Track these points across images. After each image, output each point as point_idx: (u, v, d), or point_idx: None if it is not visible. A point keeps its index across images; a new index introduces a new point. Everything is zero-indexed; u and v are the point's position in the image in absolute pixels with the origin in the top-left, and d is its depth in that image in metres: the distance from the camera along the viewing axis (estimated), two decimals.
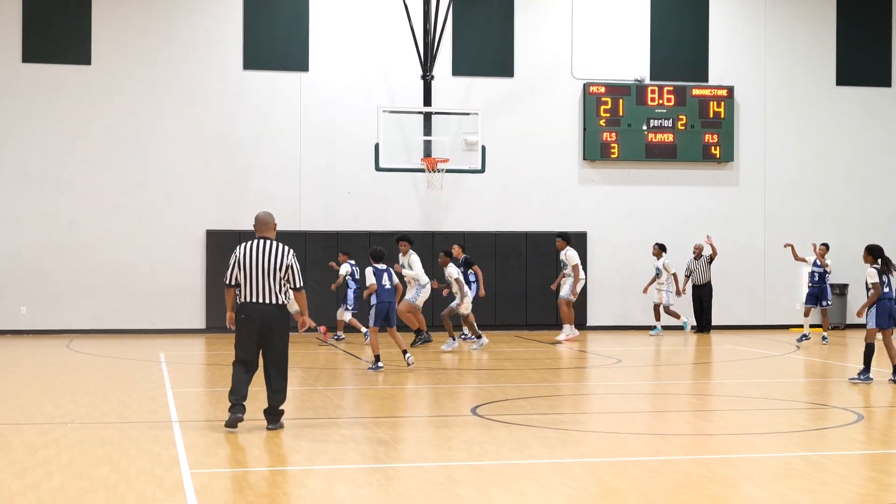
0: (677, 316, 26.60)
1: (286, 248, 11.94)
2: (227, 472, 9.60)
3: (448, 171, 24.96)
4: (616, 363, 19.79)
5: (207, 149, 26.86)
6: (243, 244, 11.95)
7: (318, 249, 26.76)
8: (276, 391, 11.82)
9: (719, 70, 28.91)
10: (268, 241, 11.99)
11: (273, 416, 11.82)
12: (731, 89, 28.58)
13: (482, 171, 25.10)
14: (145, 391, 15.43)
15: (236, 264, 11.82)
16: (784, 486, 8.82)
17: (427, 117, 25.31)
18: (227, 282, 11.90)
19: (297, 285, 11.91)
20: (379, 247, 18.63)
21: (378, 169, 24.61)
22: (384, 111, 24.80)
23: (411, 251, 21.36)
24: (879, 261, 16.16)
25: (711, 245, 26.70)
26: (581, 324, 26.76)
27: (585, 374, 18.99)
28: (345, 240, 26.85)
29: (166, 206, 26.63)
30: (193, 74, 26.87)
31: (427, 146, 25.10)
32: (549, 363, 20.00)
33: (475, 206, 27.80)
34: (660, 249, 26.43)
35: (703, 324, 26.97)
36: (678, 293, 26.60)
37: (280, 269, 11.77)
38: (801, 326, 24.97)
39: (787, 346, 23.15)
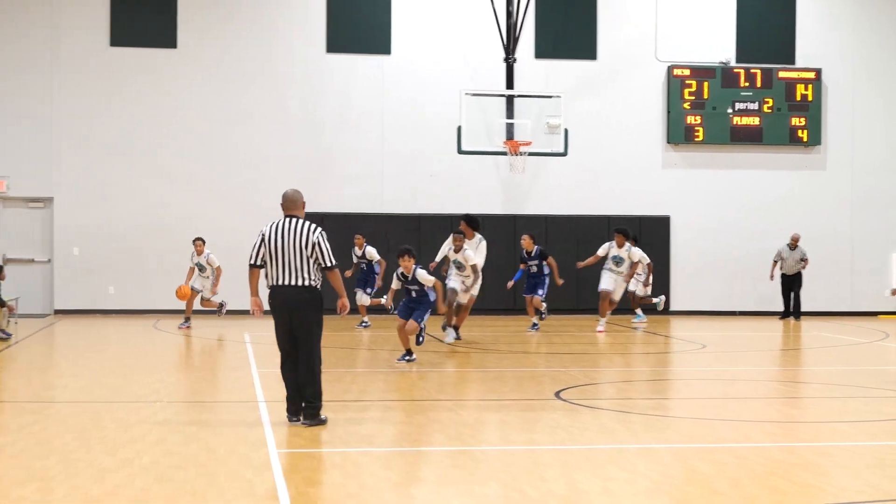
0: (650, 301, 24.80)
1: (314, 225, 11.15)
2: (314, 453, 9.66)
3: (530, 154, 24.89)
4: (701, 348, 19.62)
5: (291, 131, 27.04)
6: (270, 223, 11.24)
7: (399, 232, 26.83)
8: (304, 384, 10.85)
9: (806, 52, 28.47)
10: (295, 220, 11.16)
11: (308, 410, 10.84)
12: (818, 71, 28.15)
13: (565, 154, 25.00)
14: (231, 371, 15.59)
15: (262, 242, 11.05)
16: (877, 476, 8.66)
17: (509, 100, 25.24)
18: (251, 261, 11.13)
19: (328, 263, 11.16)
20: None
21: (460, 152, 24.61)
22: (466, 94, 24.78)
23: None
24: None
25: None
26: (664, 309, 26.53)
27: (670, 359, 18.84)
28: (427, 222, 26.90)
29: (251, 187, 26.86)
30: (277, 57, 27.04)
31: (509, 129, 25.04)
32: (632, 348, 19.88)
33: (556, 189, 27.69)
34: (623, 238, 22.43)
35: (793, 310, 26.63)
36: (645, 284, 24.48)
37: (307, 248, 11.01)
38: (894, 313, 24.54)
39: (876, 333, 22.78)
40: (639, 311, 24.90)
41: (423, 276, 15.85)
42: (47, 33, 26.35)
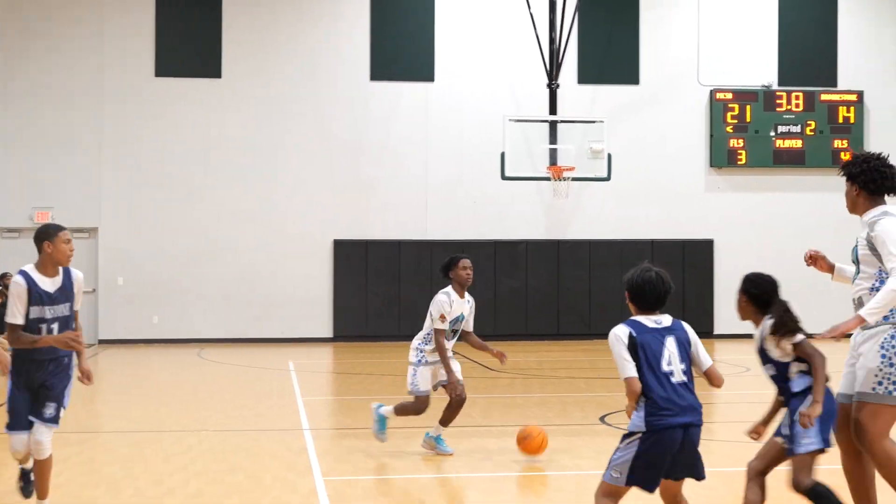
0: None
1: None
2: (360, 480, 9.68)
3: (574, 179, 24.86)
4: (745, 371, 19.50)
5: (334, 158, 27.17)
6: None
7: (443, 258, 26.79)
8: None
9: (848, 75, 28.33)
10: None
11: None
12: (860, 94, 28.00)
13: (608, 178, 24.97)
14: (276, 399, 15.65)
15: None
16: None
17: (552, 125, 25.25)
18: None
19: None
20: None
21: (504, 178, 24.63)
22: (510, 120, 24.81)
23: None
24: None
25: None
26: (708, 332, 26.38)
27: None
28: (470, 248, 26.91)
29: (295, 215, 26.99)
30: (321, 85, 27.21)
31: (552, 154, 25.05)
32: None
33: (600, 214, 27.65)
34: None
35: None
36: None
37: None
38: None
39: None
40: None
41: None
42: (94, 64, 26.65)
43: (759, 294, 7.36)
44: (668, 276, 6.70)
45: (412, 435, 12.14)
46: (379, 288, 26.82)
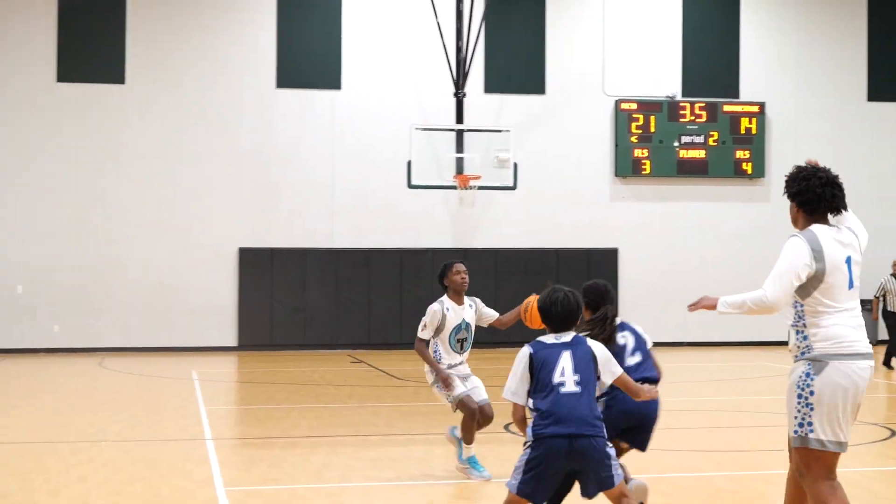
0: None
1: None
2: (262, 490, 9.61)
3: (480, 188, 24.98)
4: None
5: (240, 166, 26.97)
6: None
7: (349, 267, 26.84)
8: None
9: (750, 86, 28.83)
10: None
11: None
12: (762, 105, 28.50)
13: (514, 188, 25.13)
14: (178, 409, 15.49)
15: None
16: None
17: (459, 135, 25.36)
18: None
19: None
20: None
21: (410, 186, 24.67)
22: (416, 128, 24.87)
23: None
24: None
25: None
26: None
27: None
28: (376, 257, 26.93)
29: (199, 224, 26.74)
30: (227, 93, 27.01)
31: (459, 163, 25.14)
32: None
33: (506, 223, 27.79)
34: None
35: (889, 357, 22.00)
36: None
37: None
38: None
39: None
40: None
41: None
42: None
43: (589, 302, 7.98)
44: (577, 297, 6.83)
45: (316, 444, 12.09)
46: (284, 297, 26.68)
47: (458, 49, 25.91)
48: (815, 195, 6.80)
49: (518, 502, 6.52)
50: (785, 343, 7.06)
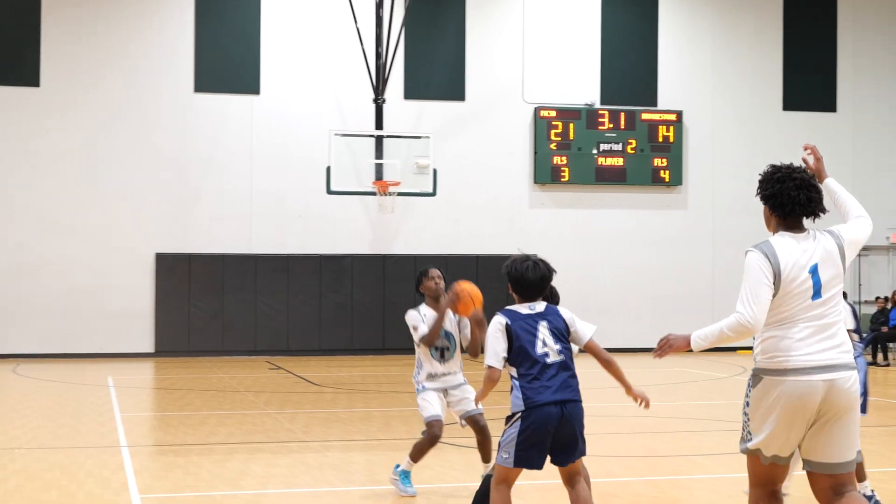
0: None
1: None
2: (178, 497, 9.54)
3: (399, 194, 24.98)
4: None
5: (158, 171, 26.70)
6: None
7: (268, 272, 26.70)
8: None
9: (668, 94, 29.17)
10: None
11: None
12: (679, 114, 28.83)
13: (433, 194, 25.15)
14: (94, 416, 15.30)
15: None
16: None
17: (378, 140, 25.34)
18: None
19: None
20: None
21: (329, 192, 24.60)
22: (336, 134, 24.81)
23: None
24: None
25: None
26: None
27: None
28: (295, 263, 26.81)
29: (116, 229, 26.42)
30: (144, 96, 26.73)
31: (378, 169, 25.13)
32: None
33: (426, 229, 27.82)
34: None
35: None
36: None
37: None
38: (751, 349, 25.09)
39: (734, 368, 23.30)
40: None
41: None
42: None
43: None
44: (546, 264, 7.14)
45: (233, 451, 12.01)
46: (202, 302, 26.45)
47: (378, 55, 25.90)
48: (790, 198, 6.27)
49: (510, 477, 6.78)
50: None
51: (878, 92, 30.33)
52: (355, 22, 25.51)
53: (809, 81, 29.90)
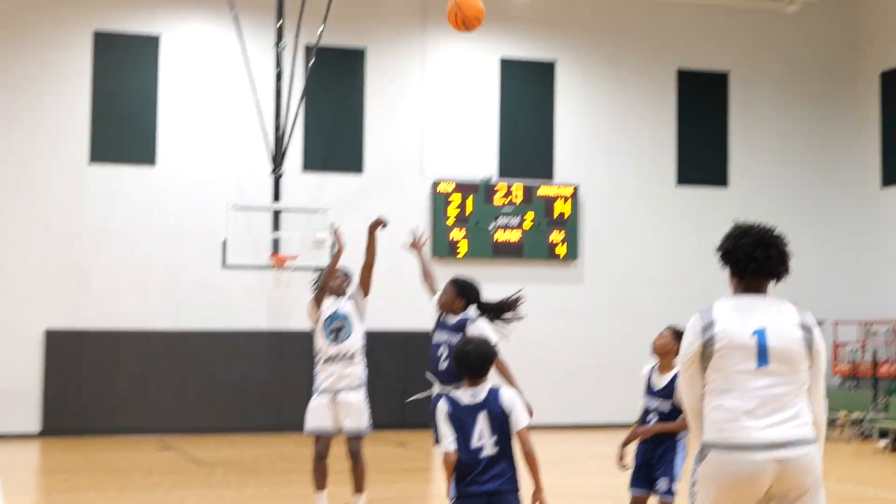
0: None
1: None
2: None
3: (296, 268, 24.82)
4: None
5: (49, 244, 26.15)
6: None
7: (161, 348, 26.20)
8: None
9: (565, 169, 29.44)
10: None
11: None
12: (576, 188, 29.10)
13: None
14: None
15: None
16: None
17: (276, 214, 25.20)
18: None
19: None
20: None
21: (225, 266, 24.35)
22: (233, 207, 24.61)
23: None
24: None
25: None
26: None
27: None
28: (190, 339, 26.36)
29: (3, 304, 25.76)
30: (35, 166, 26.20)
31: (276, 243, 24.95)
32: (399, 464, 19.76)
33: None
34: None
35: None
36: None
37: None
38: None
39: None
40: None
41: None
42: None
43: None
44: (489, 346, 7.46)
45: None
46: (93, 380, 25.83)
47: (277, 127, 25.83)
48: (745, 255, 5.86)
49: None
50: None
51: (765, 167, 30.92)
52: (254, 94, 25.43)
53: (702, 158, 30.43)
